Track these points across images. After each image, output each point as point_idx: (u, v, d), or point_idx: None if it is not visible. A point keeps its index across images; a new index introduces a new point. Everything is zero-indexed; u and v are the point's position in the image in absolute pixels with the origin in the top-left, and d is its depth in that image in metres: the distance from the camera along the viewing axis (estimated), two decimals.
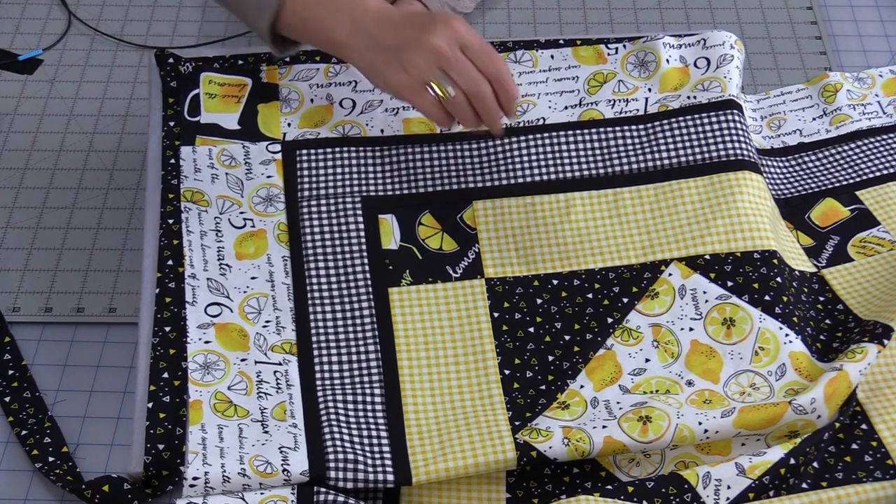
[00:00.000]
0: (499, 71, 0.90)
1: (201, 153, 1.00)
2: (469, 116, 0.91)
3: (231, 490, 0.82)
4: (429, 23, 0.90)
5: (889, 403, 0.88)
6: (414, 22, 0.90)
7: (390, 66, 0.90)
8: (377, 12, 0.91)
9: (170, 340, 0.90)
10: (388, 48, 0.90)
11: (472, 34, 0.90)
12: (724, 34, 1.05)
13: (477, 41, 0.90)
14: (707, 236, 0.94)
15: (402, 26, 0.90)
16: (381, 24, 0.90)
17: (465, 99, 0.90)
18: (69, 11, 1.22)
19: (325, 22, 0.91)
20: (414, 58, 0.89)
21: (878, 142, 1.07)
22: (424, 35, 0.89)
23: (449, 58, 0.88)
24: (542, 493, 0.85)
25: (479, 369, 0.90)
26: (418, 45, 0.89)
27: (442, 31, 0.89)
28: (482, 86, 0.89)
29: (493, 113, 0.91)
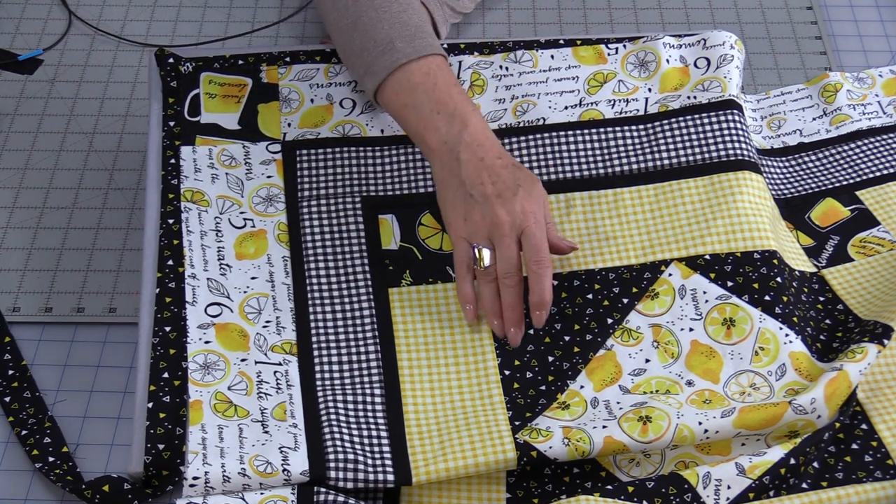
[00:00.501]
0: (541, 269, 0.88)
1: (201, 153, 1.00)
2: (490, 296, 0.89)
3: (231, 490, 0.82)
4: (509, 188, 0.88)
5: (889, 403, 0.88)
6: (498, 177, 0.89)
7: (455, 205, 0.90)
8: (473, 137, 0.90)
9: (170, 340, 0.90)
10: (462, 187, 0.89)
11: (539, 226, 0.88)
12: (725, 34, 1.05)
13: (538, 238, 0.88)
14: (707, 236, 0.94)
15: (485, 174, 0.89)
16: (469, 154, 0.90)
17: (495, 278, 0.89)
18: (69, 11, 1.22)
19: (422, 116, 0.91)
20: (476, 216, 0.89)
21: (878, 142, 1.07)
22: (497, 202, 0.88)
23: (503, 237, 0.88)
24: (542, 493, 0.85)
25: (479, 369, 0.90)
26: (487, 209, 0.88)
27: (513, 204, 0.88)
28: (514, 278, 0.88)
29: (514, 310, 0.89)
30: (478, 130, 0.91)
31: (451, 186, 0.90)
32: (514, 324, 0.90)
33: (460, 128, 0.90)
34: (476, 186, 0.89)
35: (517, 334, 0.90)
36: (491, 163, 0.89)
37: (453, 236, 0.91)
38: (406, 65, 0.92)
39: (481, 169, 0.89)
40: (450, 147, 0.90)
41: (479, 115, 0.92)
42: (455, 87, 0.93)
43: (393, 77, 0.93)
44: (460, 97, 0.92)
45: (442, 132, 0.91)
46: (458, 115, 0.91)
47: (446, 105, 0.91)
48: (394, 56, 0.93)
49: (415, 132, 0.93)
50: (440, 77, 0.93)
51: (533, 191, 0.89)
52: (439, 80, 0.92)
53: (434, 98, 0.91)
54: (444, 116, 0.91)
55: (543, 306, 0.89)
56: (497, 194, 0.88)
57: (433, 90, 0.92)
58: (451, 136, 0.90)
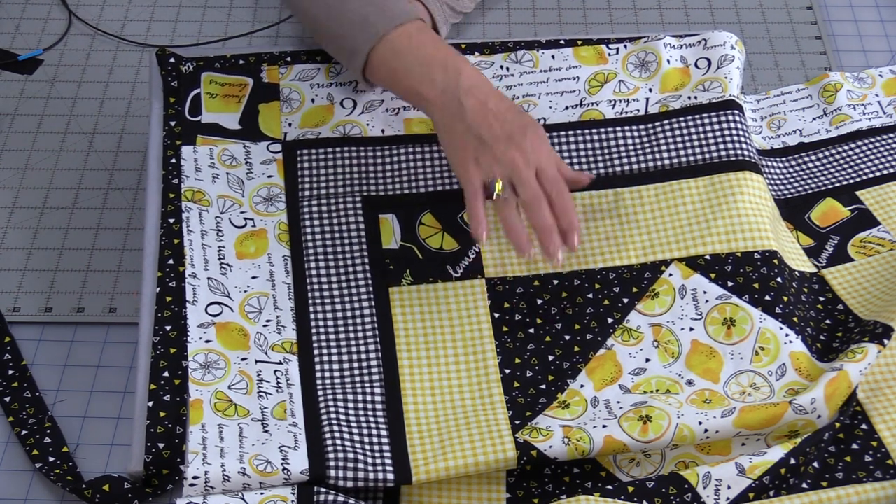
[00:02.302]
0: (563, 197, 0.88)
1: (202, 153, 1.00)
2: (515, 221, 0.89)
3: (231, 489, 0.82)
4: (518, 130, 0.89)
5: (889, 403, 0.88)
6: (505, 120, 0.89)
7: (466, 151, 0.90)
8: (471, 79, 0.91)
9: (170, 339, 0.90)
10: (470, 132, 0.89)
11: (551, 162, 0.89)
12: (725, 35, 1.05)
13: (553, 171, 0.89)
14: (707, 236, 0.94)
15: (491, 117, 0.89)
16: (472, 100, 0.90)
17: (516, 205, 0.89)
18: (69, 11, 1.22)
19: (414, 75, 0.92)
20: (489, 159, 0.89)
21: (878, 142, 1.07)
22: (509, 143, 0.88)
23: (521, 174, 0.88)
24: (542, 493, 0.85)
25: (479, 369, 0.90)
26: (499, 151, 0.88)
27: (524, 144, 0.88)
28: (541, 200, 0.88)
29: (548, 229, 0.88)
30: (473, 75, 0.92)
31: (457, 131, 0.90)
32: (554, 244, 0.88)
33: (456, 75, 0.91)
34: (485, 129, 0.89)
35: (557, 252, 0.88)
36: (494, 106, 0.90)
37: (463, 177, 0.90)
38: (385, 36, 0.93)
39: (486, 113, 0.90)
40: (450, 95, 0.91)
41: (469, 63, 0.93)
42: (440, 42, 0.94)
43: (376, 51, 0.94)
44: (448, 50, 0.93)
45: (438, 83, 0.91)
46: (451, 64, 0.92)
47: (436, 58, 0.92)
48: (370, 31, 0.94)
49: (409, 91, 0.93)
50: (424, 38, 0.94)
51: (539, 130, 0.91)
52: (424, 39, 0.93)
53: (422, 56, 0.92)
54: (437, 68, 0.92)
55: (574, 227, 0.88)
56: (507, 136, 0.89)
57: (419, 49, 0.93)
58: (448, 85, 0.91)
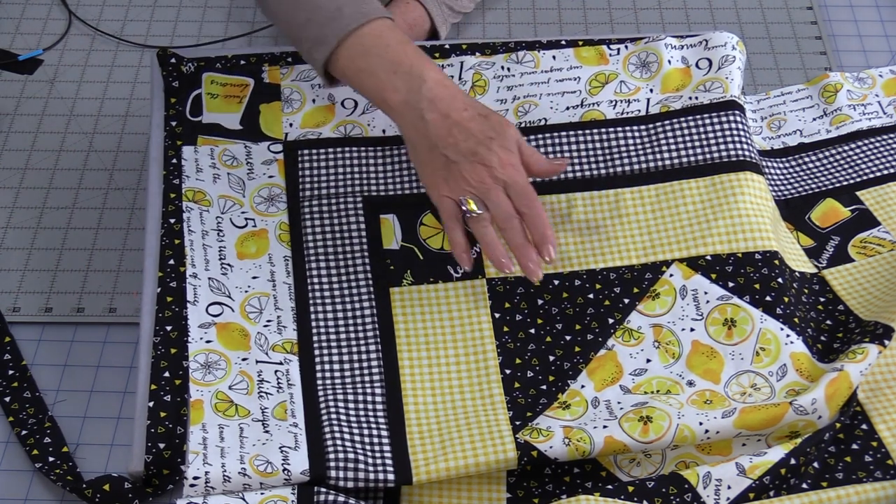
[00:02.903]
0: (533, 210, 0.88)
1: (203, 153, 1.00)
2: (492, 238, 0.89)
3: (231, 490, 0.82)
4: (482, 143, 0.88)
5: (889, 403, 0.88)
6: (468, 133, 0.89)
7: (434, 171, 0.90)
8: (433, 89, 0.89)
9: (171, 339, 0.90)
10: (435, 148, 0.89)
11: (518, 172, 0.89)
12: (726, 35, 1.05)
13: (522, 182, 0.88)
14: (708, 237, 0.94)
15: (455, 130, 0.89)
16: (434, 110, 0.89)
17: (490, 220, 0.89)
18: (69, 11, 1.22)
19: (379, 78, 0.91)
20: (457, 176, 0.88)
21: (879, 142, 1.07)
22: (475, 159, 0.88)
23: (489, 193, 0.88)
24: (542, 493, 0.85)
25: (479, 369, 0.90)
26: (466, 169, 0.88)
27: (490, 159, 0.88)
28: (513, 219, 0.88)
29: (522, 247, 0.88)
30: (437, 83, 0.90)
31: (423, 147, 0.90)
32: (531, 261, 0.88)
33: (419, 84, 0.90)
34: (449, 147, 0.88)
35: (536, 269, 0.88)
36: (458, 117, 0.89)
37: (435, 196, 0.90)
38: (357, 29, 0.91)
39: (450, 126, 0.89)
40: (412, 105, 0.90)
41: (435, 68, 0.91)
42: (408, 45, 0.92)
43: (345, 44, 0.92)
44: (415, 54, 0.92)
45: (402, 91, 0.90)
46: (416, 71, 0.90)
47: (402, 63, 0.91)
48: (343, 22, 0.92)
49: (374, 95, 0.92)
50: (392, 37, 0.92)
51: (505, 138, 0.89)
52: (391, 40, 0.92)
53: (388, 59, 0.91)
54: (401, 75, 0.90)
55: (548, 240, 0.88)
56: (472, 151, 0.88)
57: (386, 51, 0.91)
58: (411, 94, 0.90)
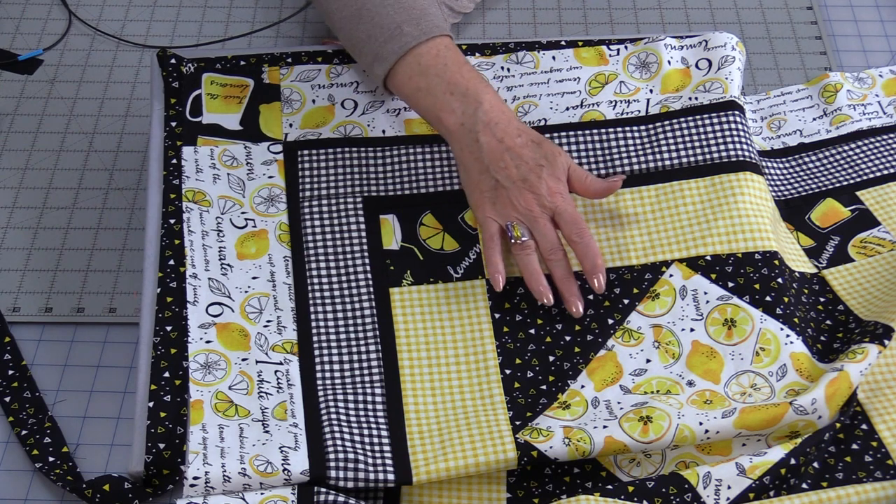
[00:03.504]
0: (584, 239, 0.89)
1: (203, 153, 1.00)
2: (535, 268, 0.90)
3: (231, 490, 0.82)
4: (532, 171, 0.89)
5: (889, 403, 0.88)
6: (521, 159, 0.90)
7: (482, 193, 0.91)
8: (489, 113, 0.91)
9: (171, 340, 0.90)
10: (486, 171, 0.90)
11: (568, 201, 0.90)
12: (726, 35, 1.05)
13: (571, 211, 0.90)
14: (708, 237, 0.94)
15: (507, 156, 0.90)
16: (488, 136, 0.90)
17: (535, 249, 0.90)
18: (69, 11, 1.22)
19: (436, 98, 0.92)
20: (505, 201, 0.90)
21: (879, 142, 1.07)
22: (524, 186, 0.89)
23: (537, 221, 0.89)
24: (542, 493, 0.85)
25: (479, 369, 0.90)
26: (514, 195, 0.89)
27: (540, 188, 0.89)
28: (559, 253, 0.89)
29: (566, 279, 0.90)
30: (493, 107, 0.91)
31: (475, 169, 0.91)
32: (574, 294, 0.90)
33: (475, 107, 0.91)
34: (500, 171, 0.90)
35: (578, 303, 0.90)
36: (511, 143, 0.90)
37: (480, 217, 0.92)
38: (415, 48, 0.93)
39: (503, 151, 0.90)
40: (468, 128, 0.91)
41: (492, 90, 0.93)
42: (465, 65, 0.94)
43: (403, 61, 0.93)
44: (471, 75, 0.93)
45: (458, 113, 0.91)
46: (472, 93, 0.91)
47: (459, 85, 0.92)
48: (402, 40, 0.93)
49: (430, 115, 0.93)
50: (450, 57, 0.93)
51: (556, 167, 0.91)
52: (449, 60, 0.93)
53: (446, 79, 0.92)
54: (458, 97, 0.91)
55: (598, 269, 0.90)
56: (522, 178, 0.90)
57: (444, 71, 0.92)
58: (467, 117, 0.91)
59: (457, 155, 0.93)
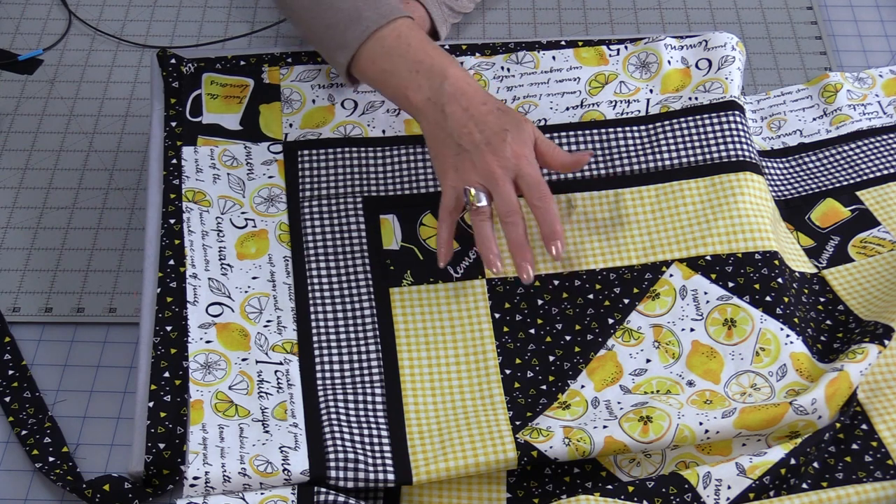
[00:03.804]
0: (545, 203, 0.89)
1: (203, 153, 1.00)
2: (488, 234, 0.89)
3: (231, 490, 0.82)
4: (497, 134, 0.89)
5: (889, 403, 0.88)
6: (485, 125, 0.90)
7: (446, 156, 0.91)
8: (455, 84, 0.91)
9: (171, 340, 0.90)
10: (450, 138, 0.90)
11: (532, 165, 0.89)
12: (726, 36, 1.05)
13: (535, 175, 0.89)
14: (708, 237, 0.94)
15: (472, 123, 0.90)
16: (454, 107, 0.90)
17: (490, 215, 0.90)
18: (69, 11, 1.22)
19: (402, 78, 0.92)
20: (467, 165, 0.90)
21: (879, 142, 1.07)
22: (487, 149, 0.89)
23: (497, 183, 0.89)
24: (542, 493, 0.85)
25: (479, 369, 0.90)
26: (475, 156, 0.89)
27: (504, 150, 0.89)
28: (516, 216, 0.89)
29: (519, 244, 0.89)
30: (459, 79, 0.92)
31: (440, 139, 0.91)
32: (525, 260, 0.89)
33: (441, 81, 0.91)
34: (464, 136, 0.90)
35: (529, 269, 0.89)
36: (476, 111, 0.90)
37: (444, 186, 0.92)
38: (377, 31, 0.93)
39: (467, 119, 0.90)
40: (434, 102, 0.91)
41: (456, 64, 0.93)
42: (429, 43, 0.94)
43: (366, 46, 0.93)
44: (435, 52, 0.93)
45: (424, 89, 0.92)
46: (437, 69, 0.92)
47: (423, 62, 0.92)
48: (364, 25, 0.93)
49: (397, 95, 0.94)
50: (413, 37, 0.94)
51: (521, 132, 0.90)
52: (412, 40, 0.93)
53: (410, 58, 0.92)
54: (423, 74, 0.92)
55: (556, 236, 0.89)
56: (486, 142, 0.89)
57: (408, 51, 0.93)
58: (433, 92, 0.91)
59: (424, 131, 0.93)
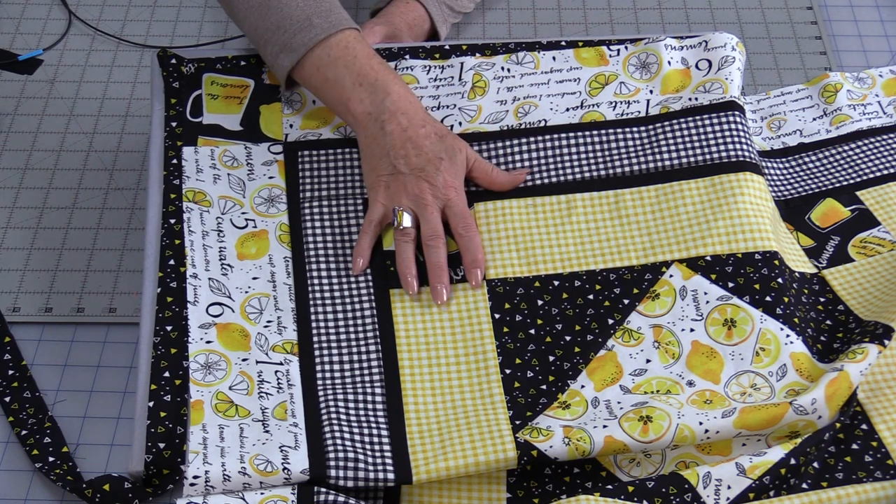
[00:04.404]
0: (469, 232, 0.92)
1: (203, 154, 1.00)
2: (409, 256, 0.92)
3: (231, 489, 0.82)
4: (431, 162, 0.92)
5: (889, 403, 0.88)
6: (420, 150, 0.92)
7: (379, 172, 0.93)
8: (396, 102, 0.93)
9: (171, 340, 0.90)
10: (386, 156, 0.93)
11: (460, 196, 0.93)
12: (726, 36, 1.05)
13: (461, 205, 0.93)
14: (708, 237, 0.94)
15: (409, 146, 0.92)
16: (394, 125, 0.92)
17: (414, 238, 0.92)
18: (69, 11, 1.22)
19: (345, 88, 0.94)
20: (399, 186, 0.92)
21: (879, 142, 1.07)
22: (421, 175, 0.92)
23: (426, 209, 0.92)
24: (542, 493, 0.85)
25: (479, 369, 0.90)
26: (409, 182, 0.92)
27: (436, 178, 0.92)
28: (438, 240, 0.92)
29: (439, 267, 0.92)
30: (401, 97, 0.93)
31: (375, 154, 0.93)
32: (440, 282, 0.92)
33: (383, 97, 0.93)
34: (400, 158, 0.92)
35: (444, 292, 0.92)
36: (414, 132, 0.92)
37: (373, 199, 0.94)
38: (325, 40, 0.94)
39: (405, 140, 0.92)
40: (374, 117, 0.93)
41: (400, 82, 0.95)
42: (374, 57, 0.95)
43: (312, 53, 0.95)
44: (380, 67, 0.95)
45: (366, 103, 0.93)
46: (380, 84, 0.93)
47: (368, 76, 0.94)
48: (313, 32, 0.94)
49: (338, 105, 0.95)
50: (359, 49, 0.95)
51: (454, 162, 0.93)
52: (359, 52, 0.95)
53: (355, 70, 0.94)
54: (366, 87, 0.93)
55: (478, 264, 0.92)
56: (421, 168, 0.92)
57: (354, 63, 0.94)
58: (374, 107, 0.93)
59: (360, 143, 0.95)
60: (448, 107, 1.03)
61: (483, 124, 1.02)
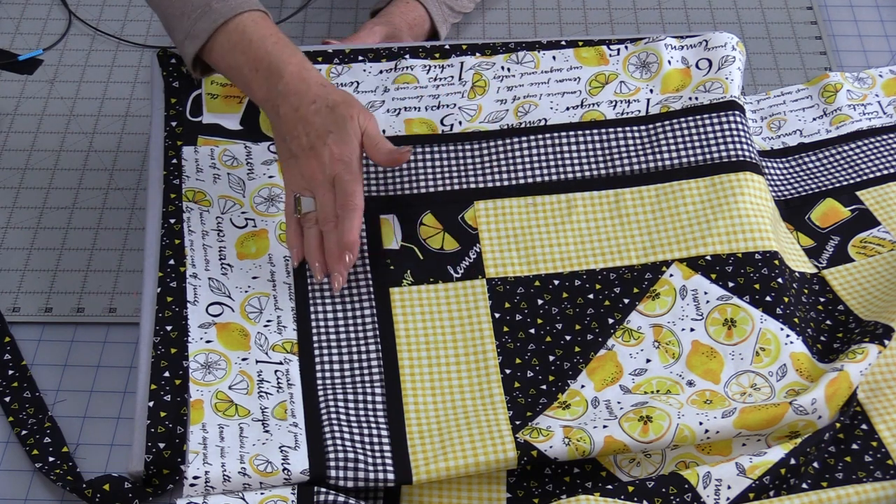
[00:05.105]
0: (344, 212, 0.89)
1: (203, 153, 1.00)
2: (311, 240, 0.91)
3: (231, 489, 0.82)
4: (320, 137, 0.90)
5: (889, 403, 0.88)
6: (310, 127, 0.90)
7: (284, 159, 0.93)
8: (288, 84, 0.91)
9: (171, 339, 0.90)
10: (283, 141, 0.92)
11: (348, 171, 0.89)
12: (726, 36, 1.05)
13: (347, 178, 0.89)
14: (708, 237, 0.94)
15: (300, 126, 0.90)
16: (286, 108, 0.91)
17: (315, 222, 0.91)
18: (69, 11, 1.22)
19: (244, 76, 0.93)
20: (296, 170, 0.91)
21: (879, 142, 1.07)
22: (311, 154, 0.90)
23: (318, 187, 0.90)
24: (542, 493, 0.85)
25: (479, 369, 0.90)
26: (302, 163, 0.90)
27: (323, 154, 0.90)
28: (330, 223, 0.90)
29: (331, 253, 0.90)
30: (293, 77, 0.91)
31: (278, 141, 0.93)
32: (336, 270, 0.90)
33: (276, 81, 0.91)
34: (293, 140, 0.91)
35: (340, 279, 0.91)
36: (305, 111, 0.91)
37: (285, 187, 0.93)
38: (224, 25, 0.93)
39: (297, 121, 0.91)
40: (272, 103, 0.92)
41: (296, 59, 0.92)
42: (269, 39, 0.93)
43: (214, 39, 0.93)
44: (276, 48, 0.93)
45: (263, 89, 0.92)
46: (274, 68, 0.92)
47: (262, 61, 0.92)
48: (212, 17, 0.93)
49: (245, 89, 0.95)
50: (255, 33, 0.93)
51: (344, 131, 0.90)
52: (254, 36, 0.93)
53: (250, 56, 0.92)
54: (262, 73, 0.92)
55: (347, 247, 0.89)
56: (310, 146, 0.90)
57: (249, 48, 0.92)
58: (270, 93, 0.92)
59: (271, 121, 0.94)
60: (448, 106, 1.03)
61: (483, 123, 1.02)
